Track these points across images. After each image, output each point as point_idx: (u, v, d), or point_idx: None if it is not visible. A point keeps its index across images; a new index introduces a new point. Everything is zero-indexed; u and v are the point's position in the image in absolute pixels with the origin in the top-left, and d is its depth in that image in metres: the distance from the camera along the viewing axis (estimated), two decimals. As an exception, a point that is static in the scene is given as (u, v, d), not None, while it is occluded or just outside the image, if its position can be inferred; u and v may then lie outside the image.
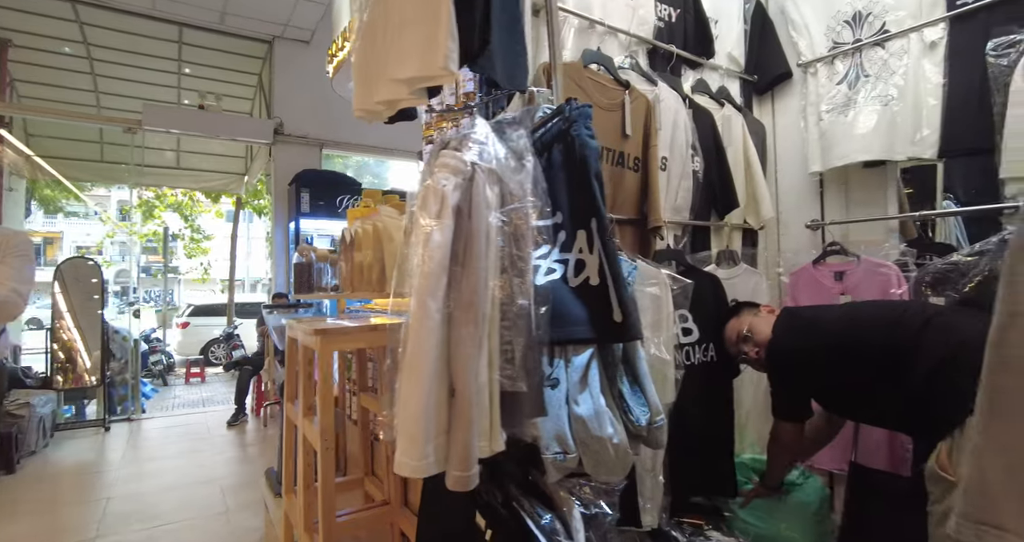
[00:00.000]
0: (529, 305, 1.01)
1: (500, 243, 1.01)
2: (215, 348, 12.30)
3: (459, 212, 1.00)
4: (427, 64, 1.03)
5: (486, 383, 0.97)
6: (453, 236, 0.99)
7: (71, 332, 5.96)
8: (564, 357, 1.17)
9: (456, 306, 0.99)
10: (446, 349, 0.98)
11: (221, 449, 4.89)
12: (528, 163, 1.07)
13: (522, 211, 1.03)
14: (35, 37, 6.46)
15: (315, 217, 6.38)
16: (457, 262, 0.99)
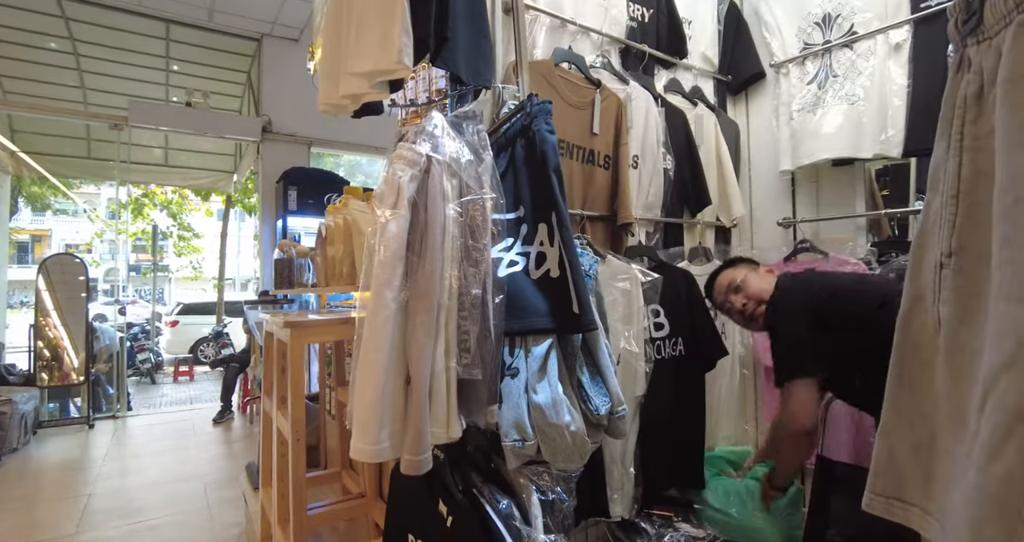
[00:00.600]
0: (484, 295, 1.03)
1: (456, 234, 1.03)
2: (204, 346, 12.24)
3: (415, 203, 1.02)
4: (383, 58, 1.05)
5: (442, 371, 0.99)
6: (409, 226, 1.01)
7: (57, 330, 5.93)
8: (524, 347, 1.19)
9: (412, 295, 1.01)
10: (402, 338, 1.00)
11: (206, 446, 4.88)
12: (488, 157, 1.09)
13: (478, 203, 1.05)
14: (19, 32, 6.40)
15: (302, 215, 6.36)
16: (413, 252, 1.01)
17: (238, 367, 5.69)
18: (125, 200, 8.69)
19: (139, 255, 21.55)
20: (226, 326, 11.84)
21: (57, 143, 7.77)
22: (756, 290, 1.73)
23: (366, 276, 1.32)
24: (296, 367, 1.59)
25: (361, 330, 1.19)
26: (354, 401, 0.98)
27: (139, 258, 21.63)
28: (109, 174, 8.76)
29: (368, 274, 1.41)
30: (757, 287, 1.74)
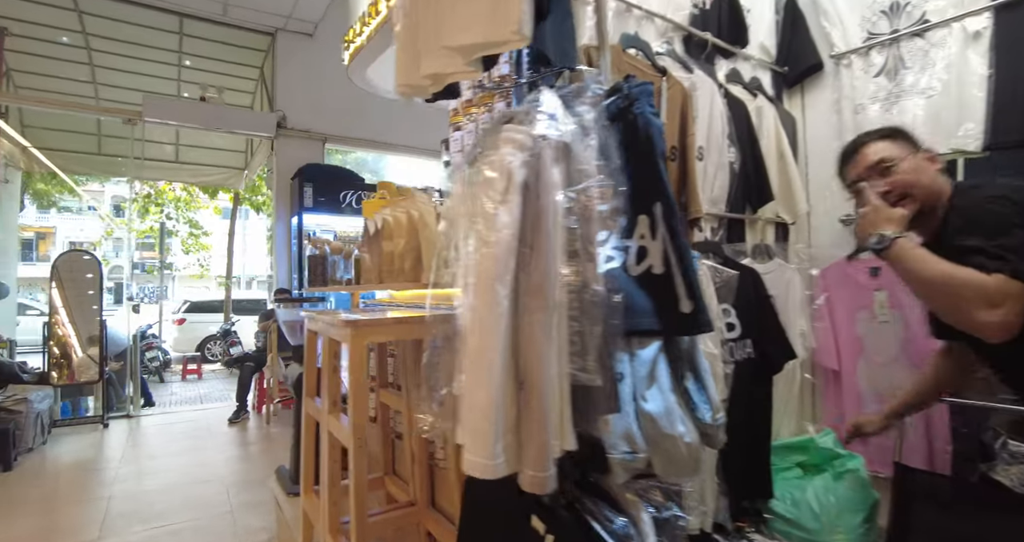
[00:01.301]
0: (603, 292, 0.93)
1: (572, 224, 0.93)
2: (211, 345, 12.13)
3: (526, 190, 0.92)
4: (495, 28, 0.95)
5: (556, 376, 0.88)
6: (521, 216, 0.91)
7: (67, 327, 5.83)
8: (629, 350, 1.09)
9: (525, 291, 0.90)
10: (513, 338, 0.90)
11: (223, 447, 4.78)
12: (595, 139, 0.99)
13: (594, 190, 0.95)
14: (32, 26, 6.30)
15: (318, 212, 6.26)
16: (525, 244, 0.91)
17: (253, 366, 5.59)
18: (134, 196, 8.59)
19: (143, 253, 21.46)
20: (234, 324, 11.74)
21: (68, 139, 7.66)
22: (928, 183, 1.34)
23: (438, 271, 1.22)
24: (358, 369, 1.49)
25: (441, 326, 1.09)
26: (464, 409, 0.88)
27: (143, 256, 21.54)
28: (118, 170, 8.68)
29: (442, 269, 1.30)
30: (930, 180, 1.34)
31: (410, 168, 12.12)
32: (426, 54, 1.09)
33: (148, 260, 20.27)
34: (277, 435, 5.05)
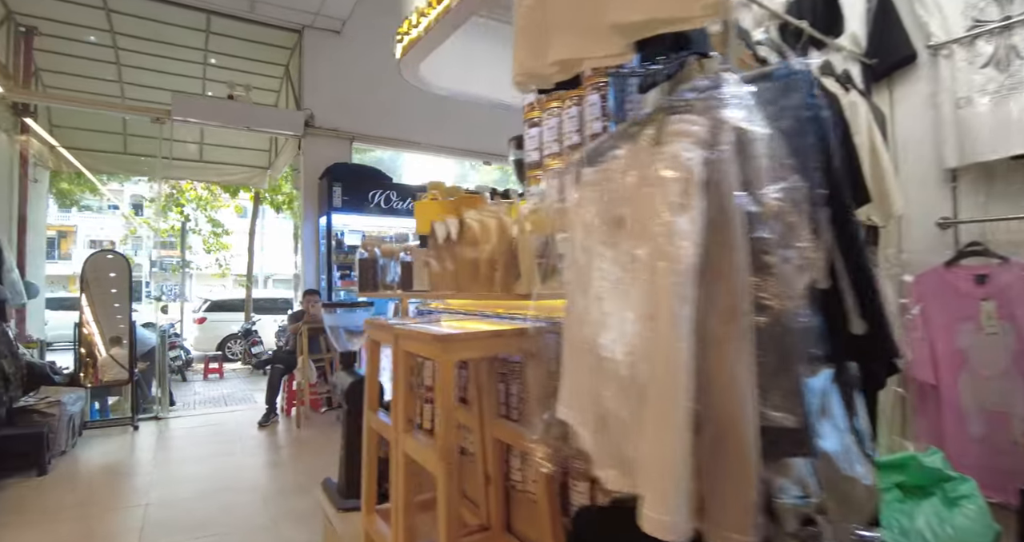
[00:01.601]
0: (800, 314, 0.78)
1: (763, 233, 0.79)
2: (232, 344, 12.11)
3: (709, 192, 0.78)
4: (683, 3, 0.81)
5: (753, 417, 0.74)
6: (704, 224, 0.77)
7: (91, 326, 5.77)
8: (795, 378, 0.94)
9: (711, 314, 0.76)
10: (693, 370, 0.76)
11: (254, 451, 4.68)
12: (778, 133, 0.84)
13: (786, 192, 0.80)
14: (61, 25, 6.24)
15: (346, 212, 6.16)
16: (708, 256, 0.77)
17: (283, 369, 5.49)
18: (157, 195, 8.57)
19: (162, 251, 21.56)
20: (255, 323, 11.70)
21: (95, 138, 7.62)
22: None
23: (529, 280, 1.08)
24: (447, 388, 1.36)
25: (538, 342, 0.95)
26: (643, 453, 0.74)
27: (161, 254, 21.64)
28: (142, 169, 8.66)
29: (548, 280, 1.17)
30: None
31: (426, 166, 12.05)
32: (561, 36, 0.95)
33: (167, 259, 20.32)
34: (308, 439, 4.94)
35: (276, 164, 8.26)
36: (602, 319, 0.93)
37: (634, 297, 0.82)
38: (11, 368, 4.55)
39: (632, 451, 0.80)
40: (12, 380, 4.50)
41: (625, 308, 0.84)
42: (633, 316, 0.81)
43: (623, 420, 0.86)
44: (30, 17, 6.06)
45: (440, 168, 14.04)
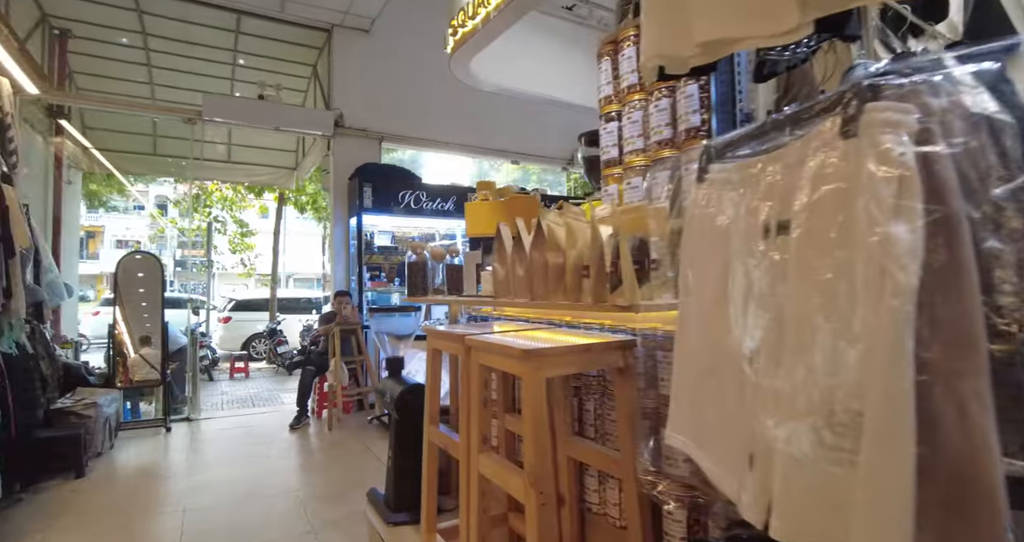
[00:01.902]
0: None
1: (996, 243, 0.64)
2: (256, 343, 12.13)
3: (929, 194, 0.63)
4: None
5: (998, 466, 0.60)
6: (924, 233, 0.63)
7: (121, 326, 5.75)
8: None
9: (937, 343, 0.62)
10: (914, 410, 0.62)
11: (288, 454, 4.60)
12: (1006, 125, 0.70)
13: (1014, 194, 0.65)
14: (94, 27, 6.24)
15: (376, 213, 6.07)
16: (930, 272, 0.63)
17: (314, 371, 5.41)
18: (184, 196, 8.58)
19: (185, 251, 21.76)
20: (280, 323, 11.71)
21: (125, 140, 7.64)
22: None
23: (628, 290, 0.94)
24: (537, 407, 1.23)
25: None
26: (871, 505, 0.60)
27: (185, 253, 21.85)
28: (171, 170, 8.68)
29: (630, 287, 1.03)
30: None
31: (445, 165, 11.95)
32: (712, 12, 0.81)
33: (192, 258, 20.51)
34: (341, 442, 4.85)
35: (303, 164, 8.21)
36: (766, 338, 0.80)
37: (828, 318, 0.68)
38: (49, 370, 4.52)
39: (818, 495, 0.66)
40: (50, 382, 4.47)
41: (809, 329, 0.70)
42: (826, 339, 0.67)
43: (797, 458, 0.72)
44: (64, 19, 6.06)
45: (460, 167, 13.96)
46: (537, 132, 7.45)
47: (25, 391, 3.92)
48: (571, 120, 7.53)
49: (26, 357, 4.04)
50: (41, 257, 4.43)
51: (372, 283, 6.20)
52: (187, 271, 20.54)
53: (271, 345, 11.00)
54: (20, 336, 4.06)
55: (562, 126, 7.29)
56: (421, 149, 7.13)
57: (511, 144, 7.23)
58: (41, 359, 4.42)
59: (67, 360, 5.06)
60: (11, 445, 3.52)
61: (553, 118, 7.34)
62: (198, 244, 15.88)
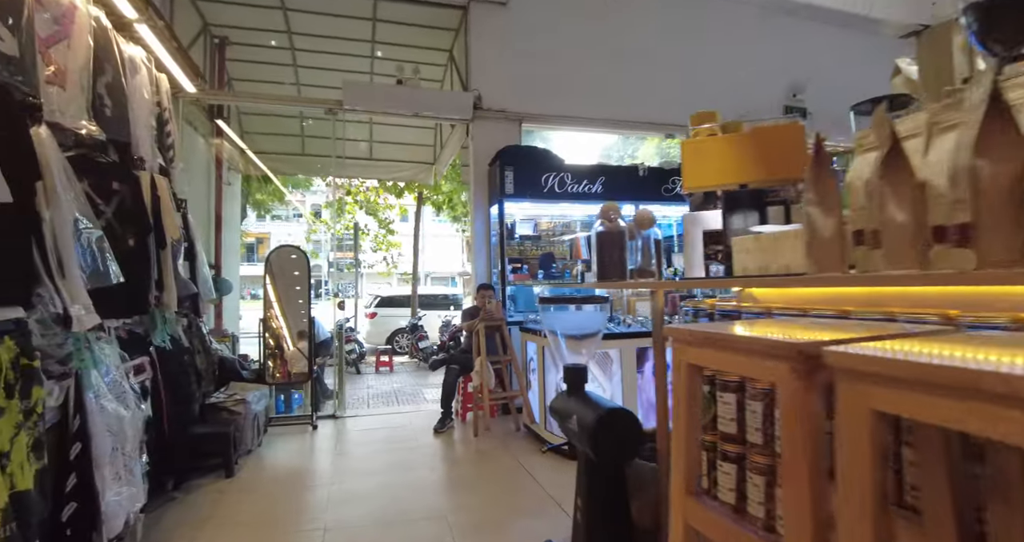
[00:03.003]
0: None
1: None
2: (399, 338, 12.22)
3: None
4: None
5: None
6: None
7: (279, 320, 5.67)
8: None
9: None
10: None
11: (434, 464, 4.04)
12: None
13: None
14: (247, 32, 6.26)
15: (518, 199, 5.40)
16: None
17: (458, 370, 4.86)
18: (332, 197, 8.65)
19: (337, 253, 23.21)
20: (421, 319, 11.65)
21: (277, 142, 7.78)
22: None
23: None
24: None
25: None
26: None
27: (337, 255, 23.29)
28: (317, 169, 8.80)
29: None
30: None
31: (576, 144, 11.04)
32: None
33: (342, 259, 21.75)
34: (490, 453, 4.20)
35: (441, 157, 7.84)
36: None
37: None
38: (203, 364, 4.39)
39: None
40: (204, 376, 4.33)
41: None
42: None
43: None
44: (223, 27, 6.12)
45: (593, 144, 12.94)
46: (697, 98, 6.35)
47: (180, 386, 3.73)
48: (742, 83, 6.35)
49: (181, 351, 3.87)
50: (197, 252, 4.28)
51: (515, 276, 5.55)
52: (339, 271, 21.84)
53: (413, 340, 10.96)
54: (176, 330, 3.92)
55: (730, 89, 6.13)
56: (563, 128, 6.34)
57: (664, 115, 6.21)
58: (196, 353, 4.28)
59: (223, 353, 4.96)
60: (163, 441, 3.28)
61: (717, 81, 6.22)
62: (346, 246, 16.63)
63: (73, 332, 2.35)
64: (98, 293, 2.62)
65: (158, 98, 4.01)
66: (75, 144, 2.85)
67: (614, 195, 5.62)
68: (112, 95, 3.31)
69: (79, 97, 2.89)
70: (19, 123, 2.17)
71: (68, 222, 2.36)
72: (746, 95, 6.34)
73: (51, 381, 2.29)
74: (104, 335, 2.77)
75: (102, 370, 2.57)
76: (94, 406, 2.46)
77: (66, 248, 2.34)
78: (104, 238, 2.58)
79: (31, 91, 2.52)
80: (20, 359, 1.99)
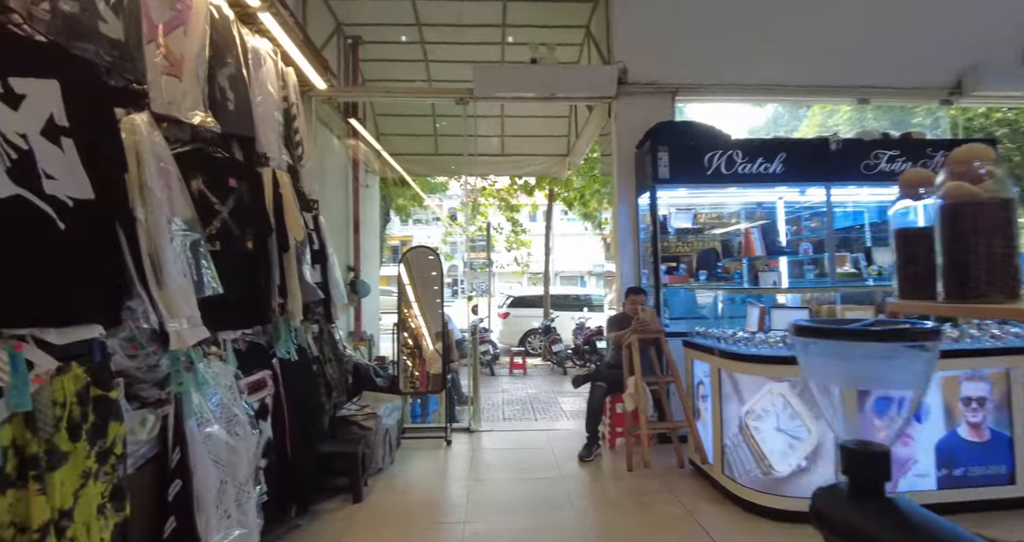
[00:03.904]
0: None
1: None
2: (532, 338, 11.72)
3: None
4: None
5: None
6: None
7: (418, 319, 5.37)
8: None
9: None
10: None
11: (581, 503, 3.30)
12: None
13: None
14: (378, 29, 6.03)
15: (675, 185, 4.47)
16: None
17: (605, 388, 4.08)
18: (465, 197, 8.33)
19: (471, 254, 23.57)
20: (553, 320, 11.04)
21: (410, 143, 7.60)
22: None
23: None
24: None
25: None
26: None
27: (470, 256, 23.64)
28: (449, 169, 8.54)
29: None
30: None
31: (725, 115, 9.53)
32: None
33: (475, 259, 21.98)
34: (650, 495, 3.36)
35: (576, 147, 7.11)
36: None
37: None
38: (335, 373, 4.08)
39: None
40: (335, 386, 4.01)
41: None
42: None
43: None
44: (355, 26, 5.95)
45: (749, 115, 11.22)
46: (899, 54, 4.92)
47: (307, 400, 3.40)
48: (967, 25, 4.80)
49: (309, 362, 3.55)
50: (328, 255, 3.98)
51: (670, 277, 4.62)
52: (472, 271, 22.13)
53: (546, 342, 10.37)
54: (305, 339, 3.62)
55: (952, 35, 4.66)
56: (726, 99, 5.25)
57: (851, 76, 4.88)
58: (327, 362, 3.98)
59: (358, 360, 4.67)
60: (286, 463, 2.93)
61: (935, 26, 4.77)
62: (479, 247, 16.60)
63: (171, 351, 1.98)
64: (210, 302, 2.28)
65: (285, 93, 3.76)
66: (192, 138, 2.56)
67: (797, 175, 4.48)
68: (235, 88, 3.01)
69: (195, 88, 2.58)
70: (105, 108, 1.81)
71: (164, 224, 1.99)
72: (980, 39, 4.78)
73: (145, 409, 1.92)
74: (215, 350, 2.43)
75: (207, 392, 2.19)
76: (197, 435, 2.07)
77: (165, 253, 1.97)
78: (201, 243, 2.19)
79: (136, 77, 2.23)
80: (91, 389, 1.58)
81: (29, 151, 1.53)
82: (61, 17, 1.85)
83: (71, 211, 1.60)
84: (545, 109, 7.26)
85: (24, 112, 1.55)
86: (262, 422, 2.73)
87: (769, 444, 3.16)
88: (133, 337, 1.82)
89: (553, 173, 8.26)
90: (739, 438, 3.29)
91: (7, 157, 1.47)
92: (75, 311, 1.57)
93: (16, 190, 1.47)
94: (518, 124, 7.52)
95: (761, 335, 3.49)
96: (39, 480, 1.37)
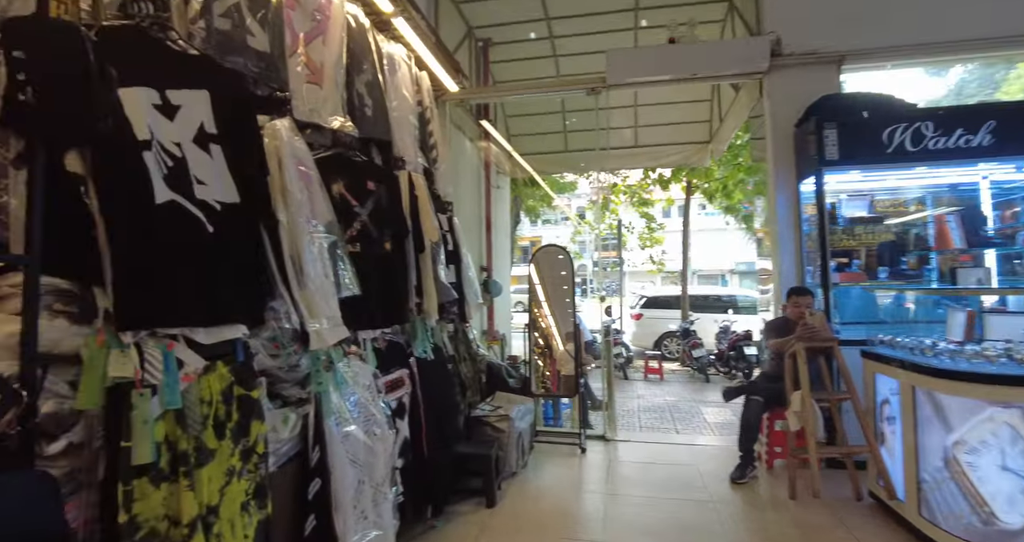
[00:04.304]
0: None
1: None
2: (668, 342, 11.02)
3: None
4: None
5: None
6: None
7: (550, 318, 5.23)
8: None
9: None
10: None
11: (737, 535, 2.86)
12: None
13: None
14: (506, 28, 5.97)
15: (846, 167, 3.79)
16: None
17: (762, 402, 3.55)
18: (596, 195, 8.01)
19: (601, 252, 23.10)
20: (693, 323, 10.29)
21: (540, 142, 7.48)
22: None
23: None
24: None
25: None
26: None
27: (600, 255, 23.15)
28: (579, 165, 8.30)
29: None
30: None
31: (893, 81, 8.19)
32: None
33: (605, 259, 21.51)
34: (822, 533, 2.82)
35: (719, 133, 6.47)
36: None
37: None
38: (469, 372, 4.06)
39: None
40: (470, 386, 3.98)
41: None
42: None
43: None
44: (485, 28, 5.96)
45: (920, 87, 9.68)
46: None
47: (443, 398, 3.38)
48: None
49: (445, 361, 3.54)
50: (461, 255, 3.97)
51: (840, 275, 3.93)
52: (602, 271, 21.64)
53: (685, 346, 9.67)
54: (441, 338, 3.63)
55: None
56: (905, 63, 4.34)
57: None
58: (462, 361, 3.97)
59: (491, 359, 4.63)
60: (422, 462, 2.91)
61: None
62: (610, 245, 16.12)
63: (312, 351, 1.99)
64: (350, 303, 2.30)
65: (419, 97, 3.81)
66: (333, 143, 2.63)
67: (1012, 146, 3.55)
68: (372, 93, 3.07)
69: (334, 94, 2.65)
70: (248, 116, 1.87)
71: (305, 225, 2.01)
72: None
73: (287, 408, 1.95)
74: (355, 350, 2.45)
75: (345, 392, 2.20)
76: (335, 435, 2.07)
77: (305, 255, 1.99)
78: (339, 244, 2.19)
79: (280, 86, 2.32)
80: (234, 389, 1.61)
81: (183, 158, 1.59)
82: (215, 33, 1.94)
83: (219, 214, 1.64)
84: (683, 94, 6.70)
85: (179, 122, 1.61)
86: (399, 421, 2.73)
87: (991, 486, 2.48)
88: (275, 337, 1.85)
89: (693, 162, 7.63)
90: (944, 474, 2.64)
91: (164, 164, 1.53)
92: (222, 311, 1.61)
93: (171, 196, 1.53)
94: (653, 113, 7.04)
95: (973, 346, 2.77)
96: (188, 476, 1.39)
